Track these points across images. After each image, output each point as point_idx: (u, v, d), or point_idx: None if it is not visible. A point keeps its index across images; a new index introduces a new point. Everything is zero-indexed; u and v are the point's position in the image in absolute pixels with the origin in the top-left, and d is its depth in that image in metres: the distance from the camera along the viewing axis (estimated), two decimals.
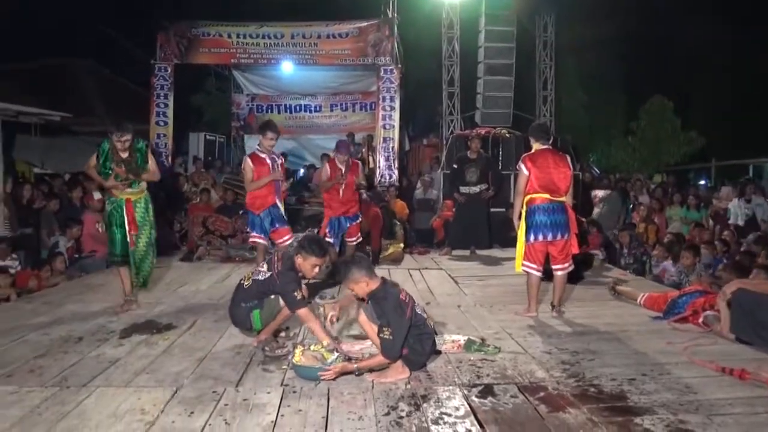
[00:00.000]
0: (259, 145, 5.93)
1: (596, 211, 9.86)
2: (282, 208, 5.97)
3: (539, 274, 4.93)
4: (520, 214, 4.96)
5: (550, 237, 4.82)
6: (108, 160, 4.92)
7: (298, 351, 3.54)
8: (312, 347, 3.62)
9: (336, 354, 3.53)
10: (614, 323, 4.70)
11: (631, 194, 10.89)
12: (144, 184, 5.11)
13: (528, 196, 4.88)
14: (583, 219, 7.67)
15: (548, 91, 12.66)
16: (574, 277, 5.61)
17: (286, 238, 5.88)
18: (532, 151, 5.01)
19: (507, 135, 10.18)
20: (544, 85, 12.69)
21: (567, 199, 4.91)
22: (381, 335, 3.40)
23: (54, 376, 3.49)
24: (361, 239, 7.04)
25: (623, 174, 14.02)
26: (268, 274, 4.02)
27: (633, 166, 15.23)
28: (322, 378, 3.37)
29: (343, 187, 6.63)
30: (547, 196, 4.81)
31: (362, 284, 3.53)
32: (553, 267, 4.98)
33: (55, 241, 7.66)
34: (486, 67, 11.26)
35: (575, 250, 5.03)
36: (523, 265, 4.95)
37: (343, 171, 6.64)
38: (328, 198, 6.72)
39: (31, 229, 7.93)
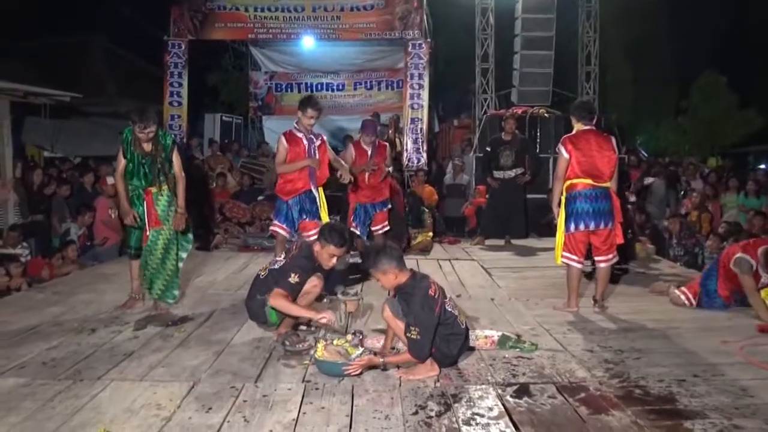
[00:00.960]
0: (297, 123, 5.55)
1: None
2: (319, 197, 5.62)
3: (580, 266, 4.89)
4: (560, 201, 4.90)
5: (592, 226, 4.75)
6: (128, 151, 4.65)
7: (320, 345, 3.57)
8: (335, 341, 3.65)
9: (361, 349, 3.55)
10: (662, 319, 4.64)
11: (683, 180, 10.69)
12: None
13: (568, 182, 4.81)
14: (629, 206, 7.55)
15: (591, 66, 12.44)
16: (615, 273, 5.53)
17: (312, 232, 5.38)
18: (574, 132, 4.93)
19: (546, 115, 10.06)
20: (587, 59, 12.46)
21: (612, 185, 4.84)
22: (408, 335, 3.41)
23: (67, 369, 3.59)
24: (388, 227, 7.01)
25: (674, 158, 13.76)
26: (283, 262, 4.07)
27: (684, 149, 14.93)
28: (346, 373, 3.40)
29: (370, 172, 6.57)
30: (589, 181, 4.74)
31: (390, 276, 3.54)
32: (596, 258, 4.92)
33: (66, 228, 7.85)
34: (523, 40, 11.09)
35: (620, 240, 4.96)
36: (562, 256, 4.91)
37: (370, 154, 6.61)
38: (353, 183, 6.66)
39: (42, 216, 8.14)
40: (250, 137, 14.39)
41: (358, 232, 6.64)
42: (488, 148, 8.45)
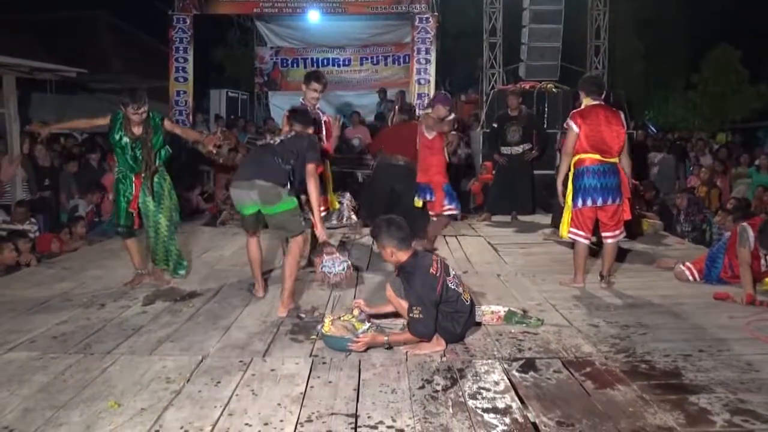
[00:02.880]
0: (303, 98, 5.50)
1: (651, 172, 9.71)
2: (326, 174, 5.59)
3: (587, 241, 4.88)
4: (566, 176, 4.88)
5: (600, 202, 4.73)
6: (118, 132, 4.65)
7: (327, 321, 3.60)
8: (342, 317, 3.67)
9: (368, 324, 3.58)
10: (669, 295, 4.64)
11: (691, 155, 10.61)
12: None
13: (576, 157, 4.77)
14: (636, 182, 7.51)
15: (601, 40, 12.26)
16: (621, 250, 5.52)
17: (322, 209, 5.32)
18: (582, 106, 4.88)
19: (554, 90, 9.96)
20: (596, 33, 12.29)
21: (623, 160, 4.81)
22: (411, 315, 3.43)
23: (77, 343, 3.63)
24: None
25: (682, 132, 13.63)
26: (293, 133, 4.45)
27: (694, 124, 14.78)
28: (351, 349, 3.43)
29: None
30: (597, 156, 4.70)
31: (387, 252, 3.56)
32: (603, 234, 4.90)
33: (74, 205, 7.89)
34: (532, 14, 10.93)
35: (627, 216, 4.94)
36: (569, 231, 4.90)
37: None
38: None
39: (49, 192, 8.17)
40: (256, 113, 14.34)
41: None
42: (495, 124, 8.38)
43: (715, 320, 4.03)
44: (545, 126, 9.27)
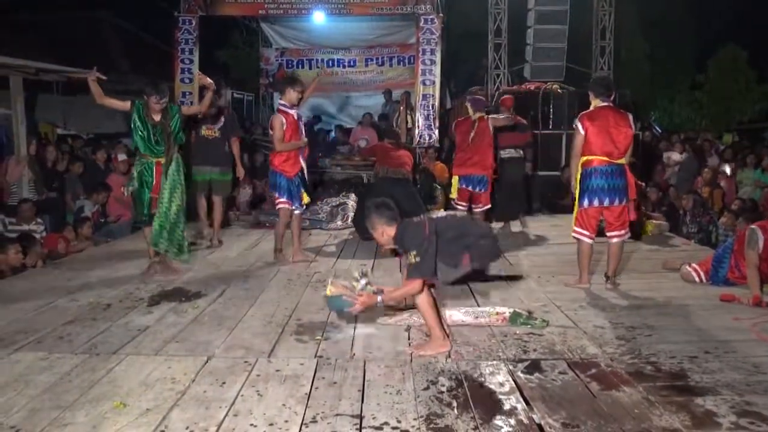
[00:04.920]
0: (283, 99, 5.78)
1: (669, 173, 9.70)
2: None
3: (591, 241, 4.88)
4: (574, 175, 4.91)
5: (606, 202, 4.76)
6: (140, 121, 5.08)
7: (329, 284, 3.62)
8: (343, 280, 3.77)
9: (364, 281, 3.57)
10: (675, 296, 4.63)
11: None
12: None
13: (584, 158, 4.79)
14: (641, 183, 7.50)
15: (606, 41, 12.21)
16: None
17: (305, 202, 6.00)
18: (591, 108, 4.89)
19: (559, 91, 9.94)
20: (601, 34, 12.24)
21: (627, 158, 4.82)
22: (409, 262, 3.40)
23: (83, 343, 3.65)
24: (489, 206, 6.86)
25: (688, 133, 13.58)
26: None
27: (700, 125, 14.72)
28: (349, 312, 3.51)
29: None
30: (605, 158, 4.73)
31: (379, 231, 3.51)
32: (608, 234, 4.91)
33: (80, 206, 7.91)
34: (537, 14, 10.91)
35: (633, 216, 4.95)
36: (574, 231, 4.92)
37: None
38: None
39: (56, 193, 8.20)
40: (261, 114, 14.36)
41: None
42: None
43: (721, 322, 4.01)
44: (551, 126, 9.24)
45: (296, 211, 5.90)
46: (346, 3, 11.07)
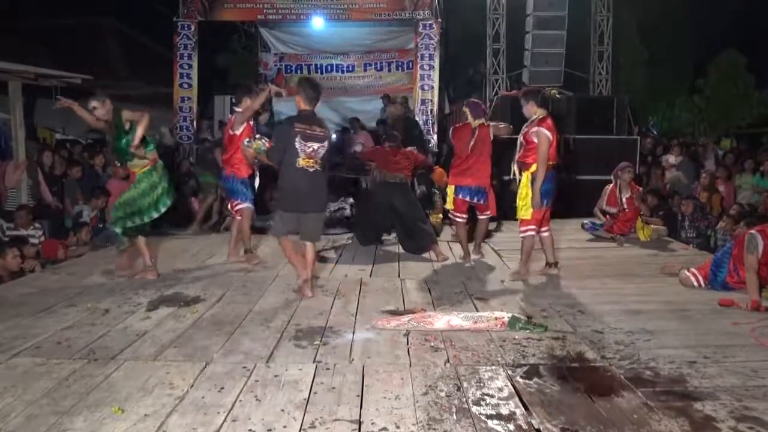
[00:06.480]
0: (239, 105, 5.86)
1: (668, 177, 9.72)
2: None
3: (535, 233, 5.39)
4: (541, 184, 5.19)
5: (550, 203, 5.34)
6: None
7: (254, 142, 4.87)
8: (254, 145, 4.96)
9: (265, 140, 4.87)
10: (673, 301, 4.63)
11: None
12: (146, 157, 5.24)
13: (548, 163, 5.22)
14: (640, 187, 7.52)
15: (604, 46, 12.27)
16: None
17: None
18: (540, 116, 5.22)
19: (558, 96, 9.96)
20: (599, 39, 12.30)
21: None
22: None
23: (81, 348, 3.64)
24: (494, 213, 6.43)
25: (687, 138, 13.61)
26: None
27: (698, 130, 14.74)
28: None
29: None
30: (552, 163, 5.25)
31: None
32: (542, 230, 5.42)
33: (78, 210, 7.90)
34: (535, 20, 10.96)
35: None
36: (530, 230, 5.32)
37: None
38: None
39: (55, 198, 8.20)
40: (260, 119, 14.34)
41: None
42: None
43: (720, 326, 4.02)
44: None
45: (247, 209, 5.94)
46: (345, 8, 11.13)
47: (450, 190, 6.07)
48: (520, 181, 5.37)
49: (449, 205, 6.12)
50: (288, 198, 4.74)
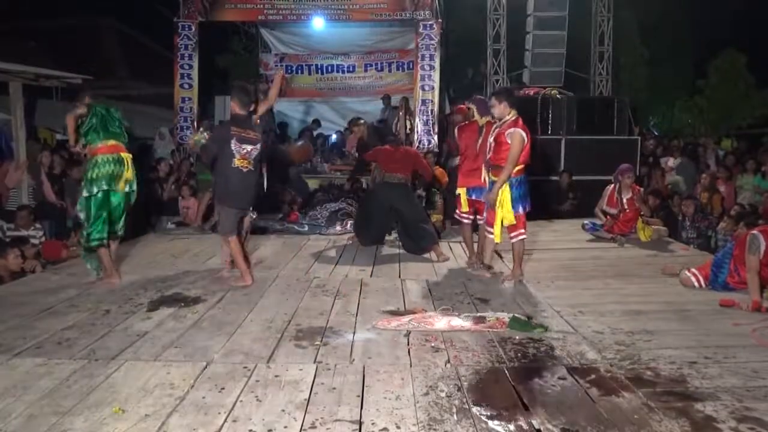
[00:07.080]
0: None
1: (669, 179, 9.72)
2: None
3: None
4: (502, 183, 5.11)
5: (528, 207, 5.29)
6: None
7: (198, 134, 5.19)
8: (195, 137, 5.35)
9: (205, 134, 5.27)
10: (674, 302, 4.63)
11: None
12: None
13: (520, 166, 5.15)
14: (640, 188, 7.52)
15: (605, 46, 12.28)
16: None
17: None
18: (513, 117, 5.13)
19: (558, 96, 9.96)
20: (600, 39, 12.30)
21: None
22: None
23: (82, 349, 3.64)
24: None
25: (688, 139, 13.60)
26: None
27: (699, 130, 14.75)
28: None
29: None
30: (522, 167, 5.19)
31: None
32: (511, 234, 5.34)
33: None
34: (536, 20, 10.98)
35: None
36: (520, 234, 5.27)
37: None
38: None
39: (56, 198, 8.20)
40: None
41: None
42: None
43: (721, 327, 4.01)
44: (549, 132, 9.25)
45: None
46: (346, 9, 11.12)
47: (462, 191, 5.84)
48: (491, 182, 5.23)
49: (464, 207, 5.89)
50: (233, 196, 5.12)
